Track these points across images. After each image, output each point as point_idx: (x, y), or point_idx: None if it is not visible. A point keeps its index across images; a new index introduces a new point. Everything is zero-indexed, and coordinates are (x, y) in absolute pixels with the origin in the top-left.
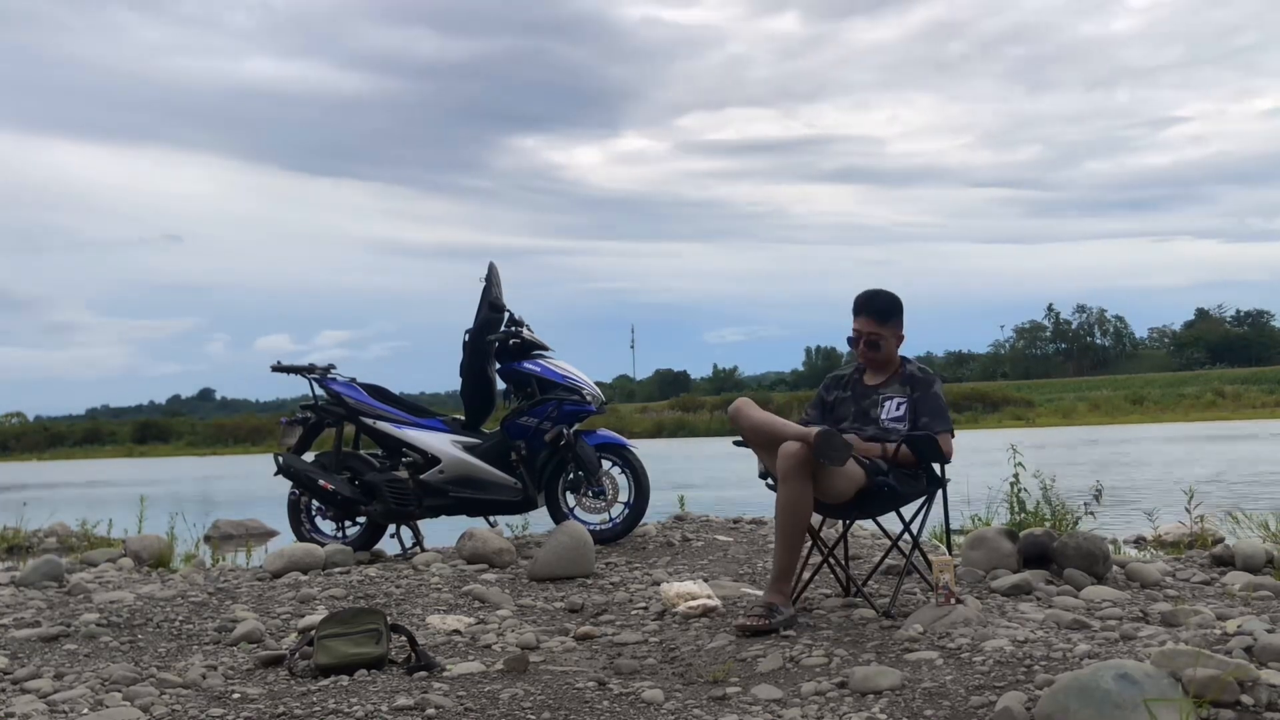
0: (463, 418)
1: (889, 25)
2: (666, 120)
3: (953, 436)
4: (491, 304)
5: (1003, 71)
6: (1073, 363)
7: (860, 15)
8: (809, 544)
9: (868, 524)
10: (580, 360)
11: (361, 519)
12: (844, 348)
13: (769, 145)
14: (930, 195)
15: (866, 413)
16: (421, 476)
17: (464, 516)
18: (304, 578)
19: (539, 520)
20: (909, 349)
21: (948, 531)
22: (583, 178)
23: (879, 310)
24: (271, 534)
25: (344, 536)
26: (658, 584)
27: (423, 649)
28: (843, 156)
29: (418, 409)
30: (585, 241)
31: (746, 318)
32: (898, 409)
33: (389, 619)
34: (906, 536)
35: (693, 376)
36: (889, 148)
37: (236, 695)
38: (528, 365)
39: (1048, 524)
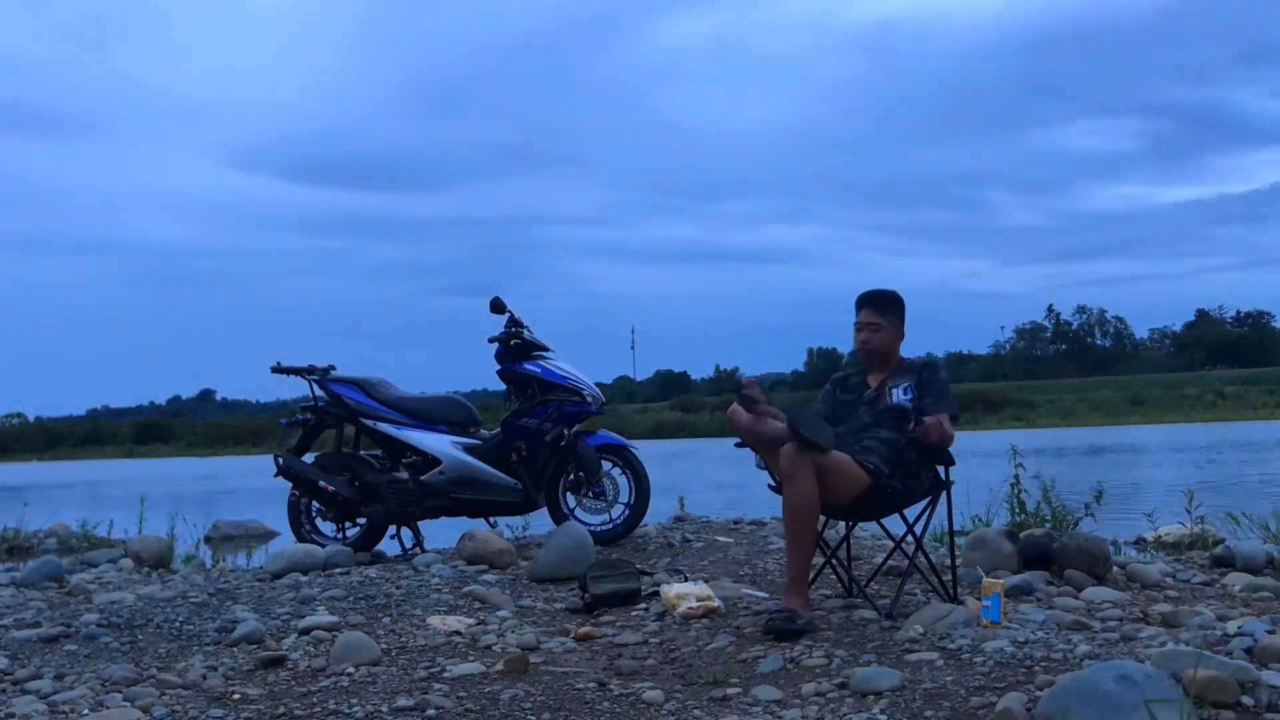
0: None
1: None
2: None
3: (956, 421)
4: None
5: None
6: (1073, 364)
7: None
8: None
9: (869, 524)
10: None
11: (362, 520)
12: (844, 348)
13: None
14: None
15: (871, 413)
16: (422, 478)
17: (464, 518)
18: (304, 579)
19: (539, 521)
20: (910, 349)
21: (951, 533)
22: None
23: (878, 302)
24: (272, 535)
25: (344, 537)
26: (658, 585)
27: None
28: None
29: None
30: None
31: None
32: (904, 394)
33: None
34: (910, 538)
35: (693, 377)
36: None
37: (237, 696)
38: (528, 366)
39: (1048, 525)
